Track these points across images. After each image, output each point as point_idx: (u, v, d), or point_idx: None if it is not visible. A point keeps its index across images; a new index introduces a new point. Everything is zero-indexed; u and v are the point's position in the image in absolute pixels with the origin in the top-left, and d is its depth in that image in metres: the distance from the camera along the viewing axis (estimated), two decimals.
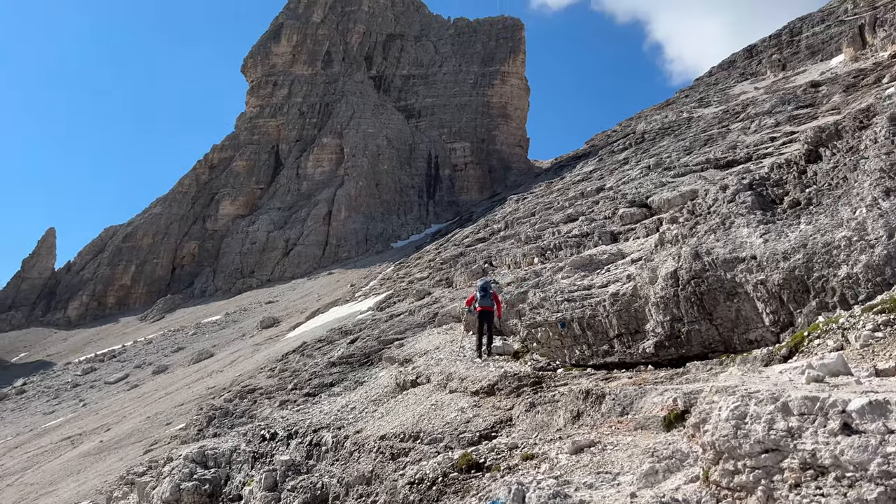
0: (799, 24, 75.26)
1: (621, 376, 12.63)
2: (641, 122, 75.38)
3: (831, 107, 42.40)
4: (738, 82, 71.65)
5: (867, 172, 11.73)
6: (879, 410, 4.23)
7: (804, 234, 11.27)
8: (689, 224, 14.05)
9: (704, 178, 34.09)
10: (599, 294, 16.19)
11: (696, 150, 47.43)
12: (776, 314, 11.22)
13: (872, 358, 8.55)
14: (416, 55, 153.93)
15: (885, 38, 52.81)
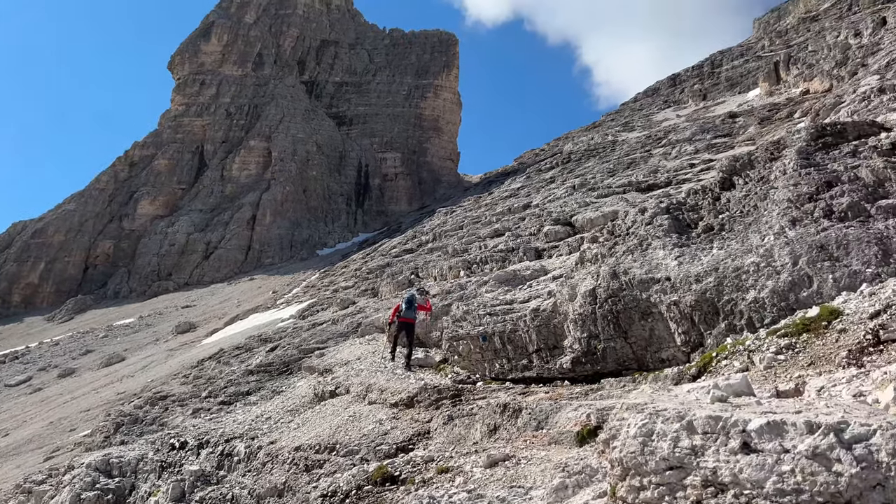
0: (720, 57, 78.76)
1: (539, 391, 12.80)
2: (569, 143, 77.12)
3: (747, 137, 44.47)
4: (662, 109, 74.30)
5: (776, 202, 12.32)
6: (776, 430, 4.40)
7: (716, 259, 11.72)
8: (608, 244, 14.41)
9: (626, 200, 35.14)
10: (521, 309, 16.39)
11: (620, 172, 48.87)
12: (687, 334, 11.61)
13: (774, 379, 8.95)
14: (350, 63, 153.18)
15: (797, 75, 55.83)
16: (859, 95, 38.04)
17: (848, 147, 13.55)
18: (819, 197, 12.10)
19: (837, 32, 56.99)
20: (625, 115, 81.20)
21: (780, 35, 75.11)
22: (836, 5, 69.75)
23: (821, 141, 13.65)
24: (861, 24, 54.10)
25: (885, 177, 12.24)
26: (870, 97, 36.48)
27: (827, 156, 13.23)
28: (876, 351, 8.63)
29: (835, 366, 8.65)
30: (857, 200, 11.83)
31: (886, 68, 40.83)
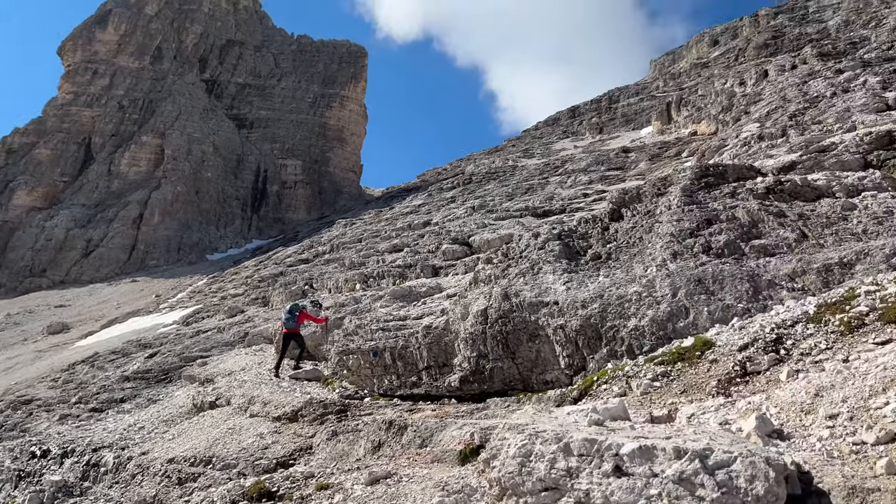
0: (617, 93, 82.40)
1: (426, 408, 12.80)
2: (471, 165, 78.35)
3: (637, 172, 46.63)
4: (561, 139, 76.84)
5: (660, 235, 12.93)
6: (647, 455, 4.56)
7: (602, 286, 12.15)
8: (502, 266, 14.67)
9: (522, 224, 35.98)
10: (414, 325, 16.39)
11: (518, 196, 50.05)
12: (571, 358, 11.95)
13: (649, 405, 9.35)
14: (255, 65, 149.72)
15: (687, 116, 59.15)
16: (741, 140, 40.74)
17: (728, 188, 14.44)
18: (699, 233, 12.81)
19: (725, 80, 60.92)
20: (526, 141, 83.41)
21: (674, 77, 79.53)
22: (724, 54, 74.61)
23: (703, 180, 14.48)
24: (746, 74, 58.08)
25: (759, 218, 13.11)
26: (750, 143, 39.14)
27: (708, 195, 14.04)
28: (742, 382, 9.18)
29: (705, 394, 9.13)
30: (733, 239, 12.60)
31: (766, 117, 43.93)
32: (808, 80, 47.50)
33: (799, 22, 70.82)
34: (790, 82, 48.94)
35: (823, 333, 9.49)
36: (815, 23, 68.28)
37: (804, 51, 55.75)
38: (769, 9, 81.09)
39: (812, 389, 7.30)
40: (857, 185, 13.95)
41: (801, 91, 45.50)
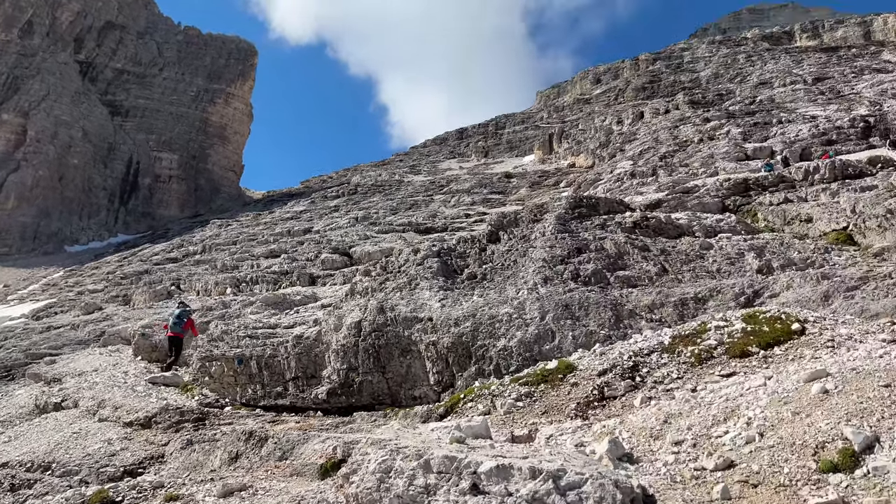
0: (504, 119, 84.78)
1: (290, 420, 12.48)
2: (357, 175, 77.93)
3: (518, 197, 48.03)
4: (448, 159, 78.00)
5: (533, 260, 13.35)
6: (504, 474, 4.64)
7: (476, 305, 12.37)
8: (380, 279, 14.63)
9: (404, 239, 36.11)
10: (284, 334, 16.00)
11: (402, 211, 50.23)
12: (441, 374, 12.05)
13: (512, 424, 9.57)
14: (136, 52, 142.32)
15: (567, 149, 61.67)
16: (615, 176, 42.93)
17: (599, 220, 15.15)
18: (570, 261, 13.33)
19: (604, 117, 64.15)
20: (414, 157, 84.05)
21: (558, 110, 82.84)
22: (605, 93, 78.58)
23: (577, 211, 15.11)
24: (624, 114, 61.42)
25: (625, 250, 13.81)
26: (623, 179, 41.32)
27: (581, 225, 14.66)
28: (600, 405, 9.58)
29: (564, 416, 9.46)
30: (600, 268, 13.20)
31: (639, 156, 46.56)
32: (679, 125, 50.82)
33: (675, 70, 75.79)
34: (663, 125, 52.16)
35: (676, 363, 10.09)
36: (689, 72, 73.30)
37: (677, 97, 59.60)
38: (649, 54, 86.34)
39: (662, 416, 7.73)
40: (715, 227, 15.01)
41: (672, 135, 48.60)
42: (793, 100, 50.99)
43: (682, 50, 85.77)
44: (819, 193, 15.99)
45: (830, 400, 6.81)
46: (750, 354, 9.55)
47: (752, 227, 15.32)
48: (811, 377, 7.45)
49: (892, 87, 46.70)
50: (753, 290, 12.02)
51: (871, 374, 7.17)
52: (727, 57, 73.82)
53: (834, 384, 7.06)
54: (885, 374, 7.05)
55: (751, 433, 6.51)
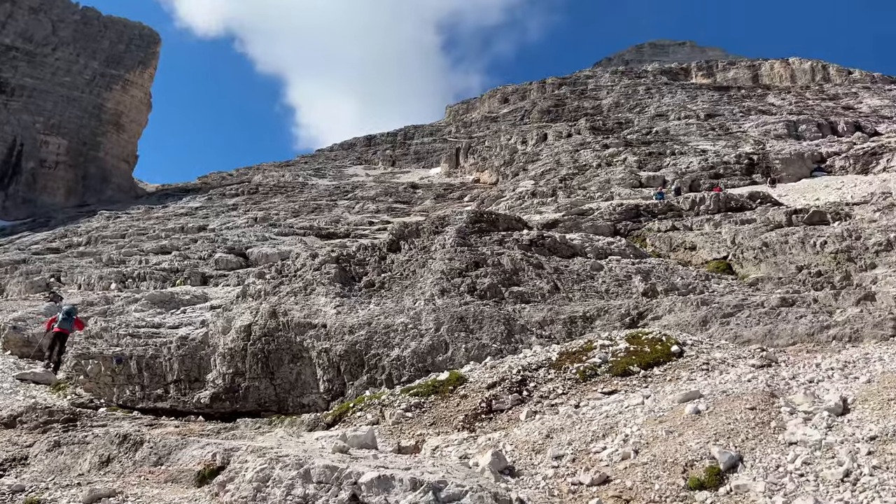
0: (413, 130, 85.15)
1: (169, 424, 11.96)
2: (259, 175, 76.06)
3: (422, 209, 48.26)
4: (354, 165, 77.47)
5: (432, 271, 13.42)
6: (385, 485, 4.61)
7: (372, 314, 12.29)
8: (274, 282, 14.29)
9: (304, 243, 35.50)
10: (169, 335, 15.36)
11: (304, 214, 49.40)
12: (331, 382, 11.88)
13: (399, 435, 9.54)
14: (28, 28, 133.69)
15: (473, 164, 62.58)
16: (517, 194, 43.91)
17: (498, 235, 15.42)
18: (467, 274, 13.49)
19: (510, 136, 65.52)
20: (319, 161, 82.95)
21: (466, 125, 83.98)
22: (512, 113, 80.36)
23: (477, 225, 15.32)
24: (528, 134, 62.97)
25: (520, 267, 14.11)
26: (524, 197, 42.33)
27: (480, 239, 14.88)
28: (487, 418, 9.72)
29: (452, 427, 9.53)
30: (496, 283, 13.42)
31: (541, 177, 47.83)
32: (579, 149, 52.58)
33: (579, 96, 78.46)
34: (565, 148, 53.84)
35: (562, 379, 10.39)
36: (592, 99, 76.08)
37: (580, 122, 61.68)
38: (556, 78, 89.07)
39: (545, 430, 7.92)
40: (606, 249, 15.59)
41: (573, 158, 50.23)
42: (686, 133, 53.80)
43: (586, 77, 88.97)
44: (703, 223, 16.91)
45: (702, 420, 7.17)
46: (631, 373, 9.96)
47: (641, 252, 16.01)
48: (685, 398, 7.83)
49: (774, 129, 50.10)
50: (638, 311, 12.54)
51: (739, 396, 7.61)
52: (628, 87, 77.14)
53: (706, 405, 7.45)
54: (751, 397, 7.50)
55: (627, 450, 6.76)
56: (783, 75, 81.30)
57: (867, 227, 14.91)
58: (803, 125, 50.19)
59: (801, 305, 11.79)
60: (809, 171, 39.72)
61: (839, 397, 7.13)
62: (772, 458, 6.14)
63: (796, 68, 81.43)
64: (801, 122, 50.83)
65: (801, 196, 25.75)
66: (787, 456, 6.09)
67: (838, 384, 7.89)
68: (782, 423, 6.81)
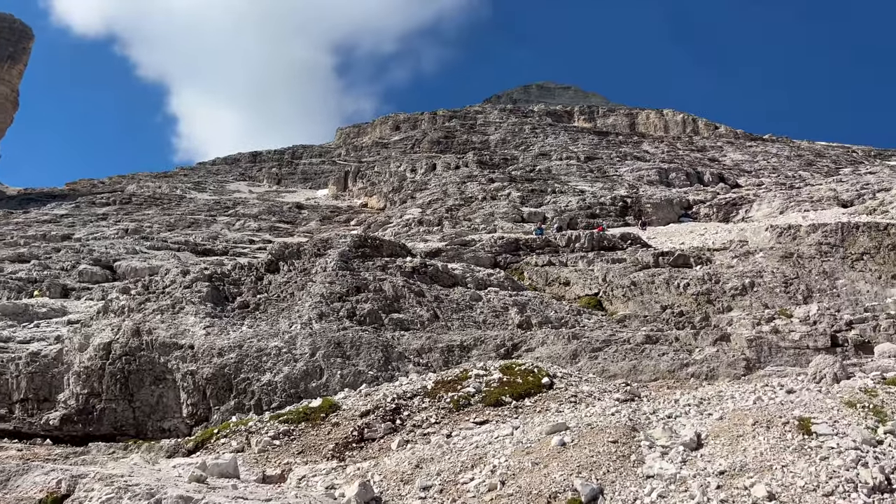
0: (302, 150, 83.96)
1: (10, 447, 10.98)
2: (134, 184, 72.28)
3: (307, 229, 47.41)
4: (237, 181, 75.22)
5: (311, 294, 13.15)
6: None
7: (244, 336, 11.86)
8: (140, 298, 13.54)
9: (178, 258, 33.93)
10: (18, 350, 14.16)
11: (180, 229, 47.31)
12: (196, 406, 11.33)
13: (265, 463, 9.18)
14: None
15: (361, 188, 62.36)
16: (404, 221, 44.07)
17: (381, 261, 15.36)
18: (348, 298, 13.32)
19: (400, 163, 65.88)
20: (200, 174, 79.97)
21: (357, 149, 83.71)
22: (403, 141, 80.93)
23: (361, 250, 15.21)
24: (418, 163, 63.56)
25: (402, 294, 14.10)
26: (411, 224, 42.53)
27: (363, 264, 14.76)
28: (358, 447, 9.54)
29: (321, 456, 9.27)
30: (376, 309, 13.33)
31: (428, 205, 48.28)
32: (466, 181, 53.59)
33: (468, 129, 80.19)
34: (452, 180, 54.71)
35: (436, 408, 10.38)
36: (481, 134, 77.96)
37: (468, 155, 62.97)
38: (447, 111, 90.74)
39: (415, 460, 7.85)
40: (486, 280, 15.87)
41: (459, 189, 51.09)
42: (567, 173, 56.06)
43: (476, 112, 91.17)
44: (578, 260, 17.58)
45: (567, 452, 7.35)
46: (503, 404, 10.11)
47: (519, 284, 16.41)
48: (553, 430, 8.01)
49: (647, 175, 53.14)
50: (513, 342, 12.80)
51: (603, 429, 7.87)
52: (515, 125, 79.65)
53: (571, 437, 7.65)
54: (614, 430, 7.77)
55: (494, 481, 6.81)
56: (657, 125, 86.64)
57: (725, 272, 16.01)
58: (673, 173, 53.54)
59: (664, 343, 12.43)
60: (677, 216, 42.35)
61: (694, 433, 7.52)
62: (630, 490, 6.35)
63: (669, 119, 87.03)
64: (672, 171, 54.22)
65: (669, 239, 27.34)
66: (645, 489, 6.32)
67: (694, 420, 8.32)
68: (641, 457, 7.08)
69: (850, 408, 8.22)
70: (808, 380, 9.86)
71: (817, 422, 7.60)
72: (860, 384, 9.22)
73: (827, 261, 16.56)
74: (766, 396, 9.06)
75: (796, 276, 15.76)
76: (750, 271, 15.96)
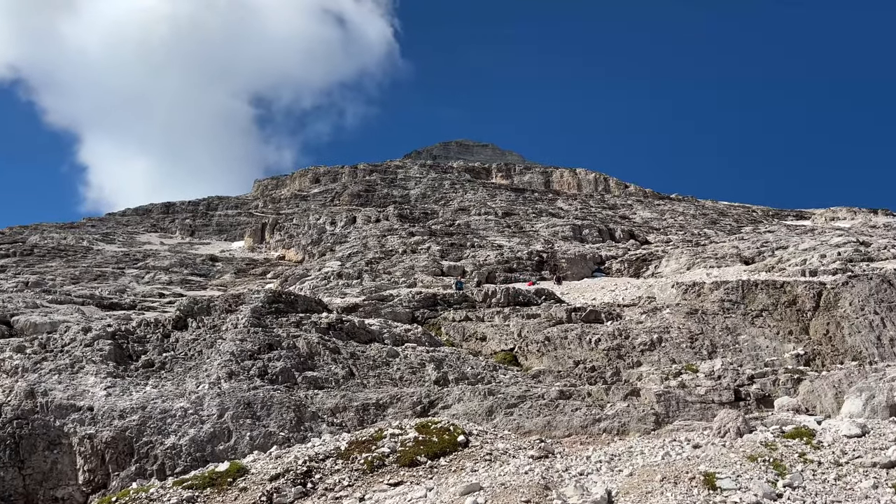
0: (217, 201, 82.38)
1: None
2: (37, 235, 68.81)
3: (221, 283, 46.15)
4: (149, 232, 72.85)
5: (221, 352, 12.73)
6: None
7: (147, 397, 11.32)
8: (36, 357, 12.75)
9: (82, 312, 32.30)
10: None
11: (85, 282, 45.19)
12: (94, 473, 10.66)
13: None
14: None
15: (278, 241, 61.46)
16: (322, 274, 43.53)
17: (295, 317, 15.07)
18: (259, 356, 12.96)
19: (319, 216, 65.45)
20: (109, 225, 77.05)
21: (275, 201, 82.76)
22: (323, 193, 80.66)
23: (274, 306, 14.90)
24: (338, 216, 63.33)
25: (317, 351, 13.83)
26: (330, 278, 42.03)
27: (276, 321, 14.44)
28: None
29: None
30: (289, 367, 13.00)
31: (347, 258, 47.95)
32: (387, 234, 53.70)
33: (388, 183, 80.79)
34: (372, 233, 54.73)
35: (349, 470, 10.13)
36: (401, 188, 78.67)
37: (388, 209, 63.32)
38: (367, 165, 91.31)
39: None
40: (403, 336, 15.79)
41: (380, 242, 51.10)
42: (485, 228, 57.04)
43: (396, 167, 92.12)
44: (494, 315, 17.76)
45: None
46: (419, 464, 9.98)
47: (436, 340, 16.41)
48: (466, 490, 7.95)
49: (562, 231, 54.70)
50: (430, 399, 12.72)
51: (516, 489, 7.87)
52: (435, 181, 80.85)
53: (484, 498, 7.61)
54: (527, 490, 7.79)
55: None
56: (571, 183, 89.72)
57: (635, 328, 16.50)
58: (587, 229, 55.34)
59: (577, 398, 12.62)
60: (591, 271, 43.56)
61: (605, 490, 7.62)
62: None
63: (582, 178, 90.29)
64: (585, 227, 56.04)
65: (581, 295, 28.04)
66: None
67: (605, 477, 8.44)
68: None
69: (751, 462, 8.54)
70: (713, 434, 10.20)
71: (721, 476, 7.85)
72: (761, 438, 9.61)
73: (729, 317, 17.33)
74: (674, 451, 9.31)
75: (701, 332, 16.40)
76: (658, 327, 16.51)
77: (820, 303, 17.20)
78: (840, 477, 7.86)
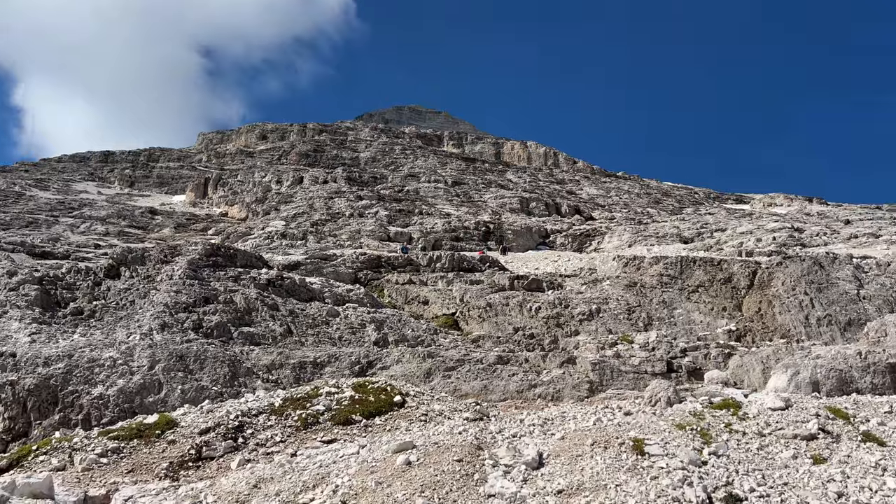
0: (159, 153, 79.86)
1: None
2: None
3: (160, 236, 44.92)
4: (86, 180, 70.28)
5: (154, 303, 12.36)
6: None
7: (75, 345, 10.93)
8: None
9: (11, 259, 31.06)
10: None
11: (16, 228, 43.41)
12: (14, 421, 10.27)
13: (89, 483, 8.43)
14: None
15: (221, 197, 60.06)
16: (266, 233, 42.78)
17: (234, 272, 14.73)
18: (195, 309, 12.63)
19: (265, 174, 64.12)
20: (44, 171, 73.98)
21: (219, 156, 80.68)
22: (270, 151, 78.98)
23: (213, 259, 14.52)
24: (284, 175, 62.16)
25: (254, 307, 13.57)
26: (273, 237, 41.34)
27: (213, 274, 14.08)
28: (195, 466, 8.98)
29: (153, 476, 8.64)
30: (225, 321, 12.73)
31: (292, 219, 47.21)
32: (334, 196, 53.02)
33: (339, 145, 79.56)
34: (320, 194, 53.96)
35: (282, 427, 10.01)
36: (351, 150, 77.58)
37: (337, 171, 62.45)
38: (317, 124, 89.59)
39: (253, 480, 7.49)
40: (345, 296, 15.63)
41: (326, 205, 50.43)
42: (434, 196, 56.86)
43: (347, 128, 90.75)
44: (438, 280, 17.74)
45: (412, 471, 7.28)
46: (353, 422, 9.92)
47: (378, 302, 16.30)
48: (399, 448, 7.92)
49: (510, 203, 54.98)
50: (368, 360, 12.65)
51: (449, 448, 7.88)
52: (386, 145, 79.99)
53: (417, 456, 7.59)
54: (460, 449, 7.80)
55: (335, 501, 6.62)
56: (521, 155, 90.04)
57: (575, 298, 16.70)
58: (534, 203, 55.75)
59: (515, 364, 12.73)
60: (535, 244, 44.03)
61: (536, 452, 7.69)
62: None
63: (533, 151, 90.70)
64: (532, 200, 56.44)
65: (525, 264, 28.26)
66: None
67: (537, 439, 8.52)
68: (485, 476, 7.14)
69: (680, 430, 8.74)
70: (644, 403, 10.41)
71: (650, 443, 8.01)
72: (690, 408, 9.85)
73: (667, 291, 17.70)
74: (606, 418, 9.46)
75: (639, 305, 16.71)
76: (597, 298, 16.75)
77: (754, 281, 17.70)
78: (763, 447, 8.11)
